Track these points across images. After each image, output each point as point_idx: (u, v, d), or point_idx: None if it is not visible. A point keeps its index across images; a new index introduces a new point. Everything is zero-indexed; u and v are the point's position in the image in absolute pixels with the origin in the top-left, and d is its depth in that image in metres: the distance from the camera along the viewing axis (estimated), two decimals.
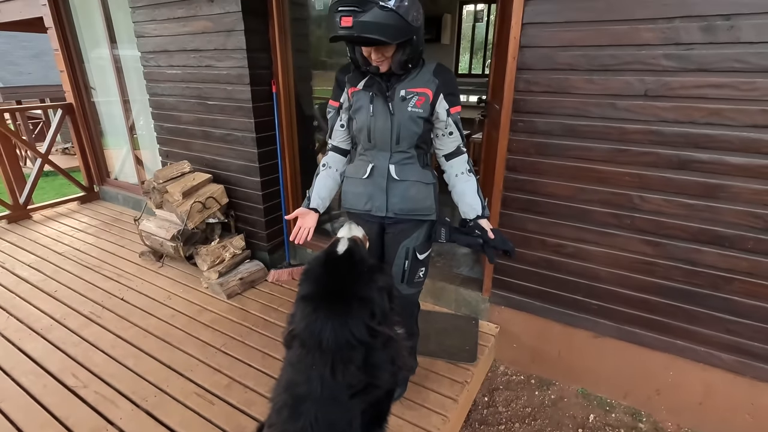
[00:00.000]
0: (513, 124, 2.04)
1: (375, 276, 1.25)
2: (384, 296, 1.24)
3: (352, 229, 1.38)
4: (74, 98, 4.12)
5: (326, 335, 1.16)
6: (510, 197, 2.16)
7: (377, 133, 1.48)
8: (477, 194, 1.56)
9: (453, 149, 1.56)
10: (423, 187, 1.56)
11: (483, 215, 1.56)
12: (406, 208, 1.56)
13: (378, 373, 1.22)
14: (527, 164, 2.07)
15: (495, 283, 2.36)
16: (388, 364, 1.25)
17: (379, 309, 1.21)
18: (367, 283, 1.21)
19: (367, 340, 1.16)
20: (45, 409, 1.85)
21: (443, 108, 1.47)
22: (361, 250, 1.28)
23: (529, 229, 2.16)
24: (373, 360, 1.20)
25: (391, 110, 1.45)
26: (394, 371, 1.28)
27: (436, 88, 1.45)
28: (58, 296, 2.72)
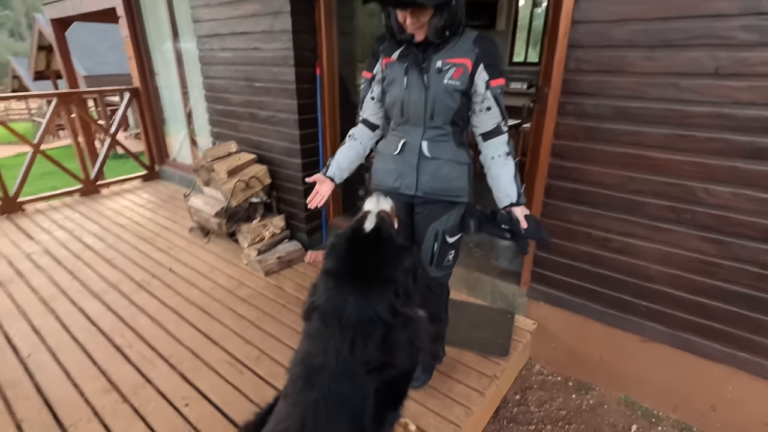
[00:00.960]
0: (561, 107, 1.91)
1: (402, 256, 1.21)
2: (409, 277, 1.21)
3: (380, 201, 1.33)
4: (140, 83, 4.42)
5: (348, 311, 1.14)
6: (554, 186, 2.03)
7: (411, 108, 1.43)
8: (513, 180, 1.46)
9: (491, 128, 1.47)
10: (456, 167, 1.49)
11: (518, 203, 1.46)
12: (437, 187, 1.50)
13: (395, 353, 1.19)
14: (574, 150, 1.92)
15: (534, 276, 2.24)
16: (406, 344, 1.21)
17: (403, 289, 1.18)
18: (394, 264, 1.18)
19: (389, 320, 1.13)
20: (94, 363, 2.01)
21: (482, 80, 1.39)
22: (388, 227, 1.24)
23: (574, 220, 2.01)
24: (392, 339, 1.18)
25: (426, 83, 1.39)
26: (412, 353, 1.25)
27: (476, 58, 1.36)
28: (115, 263, 2.94)
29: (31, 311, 2.40)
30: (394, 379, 1.26)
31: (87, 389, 1.85)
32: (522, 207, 1.48)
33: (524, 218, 1.47)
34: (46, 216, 3.79)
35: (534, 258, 2.20)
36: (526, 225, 1.46)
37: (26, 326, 2.27)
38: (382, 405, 1.26)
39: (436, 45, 1.37)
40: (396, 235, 1.26)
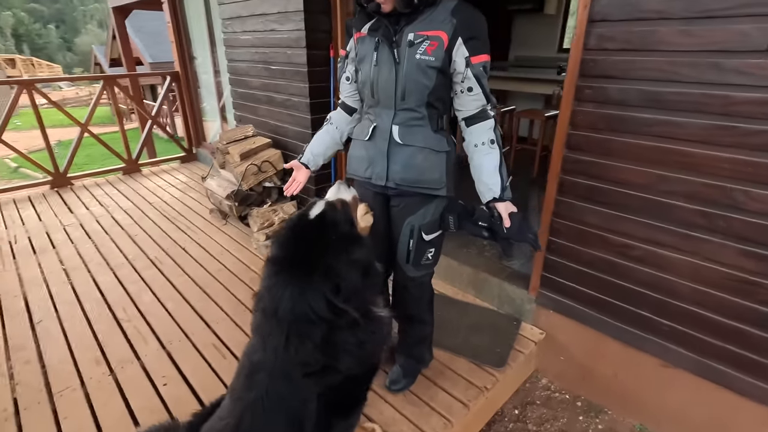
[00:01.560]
0: (578, 92, 1.67)
1: (348, 247, 1.10)
2: (355, 271, 1.08)
3: (340, 190, 1.25)
4: (180, 67, 4.57)
5: (283, 304, 1.05)
6: (569, 182, 1.79)
7: (381, 87, 1.29)
8: (497, 171, 1.29)
9: (473, 111, 1.30)
10: (431, 156, 1.33)
11: (501, 198, 1.29)
12: (409, 178, 1.35)
13: (338, 356, 1.08)
14: (593, 142, 1.68)
15: (543, 281, 2.02)
16: (353, 347, 1.10)
17: (347, 284, 1.06)
18: (336, 254, 1.07)
19: (327, 317, 1.02)
20: (94, 334, 2.08)
21: (462, 56, 1.21)
22: (336, 215, 1.13)
23: (590, 222, 1.77)
24: (335, 340, 1.07)
25: (397, 58, 1.24)
26: (361, 357, 1.13)
27: (453, 30, 1.19)
28: (136, 239, 3.06)
29: (52, 280, 2.55)
30: (340, 385, 1.15)
31: (81, 359, 1.92)
32: (507, 203, 1.30)
33: (508, 216, 1.28)
34: (89, 191, 4.04)
35: (544, 261, 1.98)
36: (509, 224, 1.28)
37: (45, 294, 2.41)
38: (327, 412, 1.16)
39: (408, 16, 1.22)
40: (347, 224, 1.14)
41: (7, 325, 2.16)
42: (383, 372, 1.81)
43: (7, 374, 1.84)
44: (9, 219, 3.43)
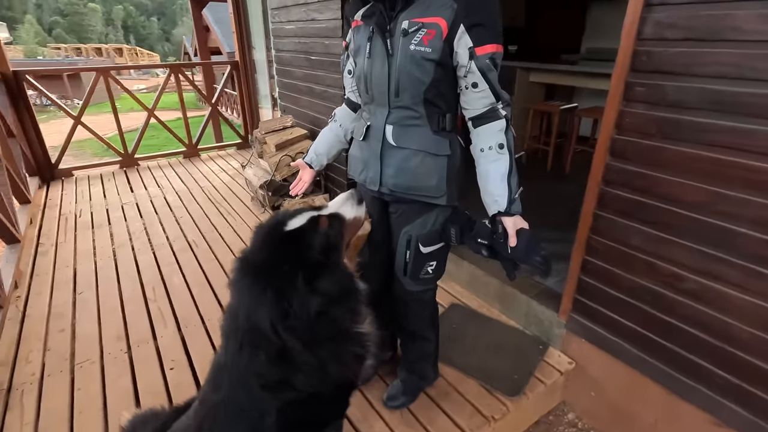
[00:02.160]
0: (627, 90, 1.41)
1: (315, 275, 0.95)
2: (317, 301, 0.94)
3: (346, 204, 1.08)
4: (239, 57, 4.72)
5: (242, 310, 0.98)
6: (610, 194, 1.54)
7: (374, 82, 1.16)
8: (505, 181, 1.11)
9: (481, 111, 1.13)
10: (429, 160, 1.18)
11: (508, 211, 1.11)
12: (402, 184, 1.22)
13: (293, 373, 0.99)
14: (642, 150, 1.41)
15: (576, 305, 1.78)
16: (310, 367, 1.00)
17: (298, 312, 0.93)
18: (292, 280, 0.93)
19: (270, 335, 0.94)
20: (122, 311, 2.20)
21: (465, 46, 1.05)
22: (314, 237, 0.99)
23: (633, 243, 1.51)
24: (290, 356, 0.97)
25: (390, 49, 1.11)
26: (323, 377, 1.03)
27: (454, 16, 1.03)
28: (180, 221, 3.21)
29: (100, 255, 2.75)
30: (304, 402, 1.06)
31: (106, 334, 2.04)
32: (515, 218, 1.12)
33: (515, 234, 1.11)
34: (151, 172, 4.35)
35: (577, 282, 1.74)
36: (515, 243, 1.10)
37: (91, 268, 2.61)
38: (289, 430, 1.08)
39: (404, 1, 1.07)
40: (323, 250, 0.99)
41: (54, 293, 2.36)
42: (384, 383, 1.71)
43: (42, 340, 2.00)
44: (80, 194, 3.78)
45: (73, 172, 4.29)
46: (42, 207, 3.48)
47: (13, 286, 2.35)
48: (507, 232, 1.12)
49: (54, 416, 1.59)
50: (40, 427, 1.56)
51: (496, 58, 1.07)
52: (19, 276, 2.48)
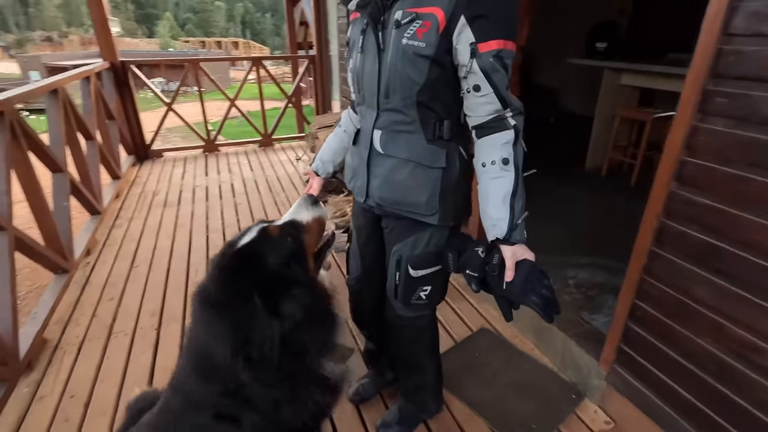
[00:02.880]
0: (705, 99, 1.10)
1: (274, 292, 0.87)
2: (275, 323, 0.85)
3: (299, 207, 1.03)
4: (317, 51, 4.83)
5: (195, 343, 0.94)
6: (673, 230, 1.23)
7: (365, 81, 1.03)
8: (506, 203, 0.92)
9: (485, 119, 0.94)
10: (419, 171, 1.02)
11: (508, 239, 0.92)
12: (388, 197, 1.07)
13: (243, 411, 0.92)
14: (719, 178, 1.10)
15: (621, 356, 1.47)
16: (265, 403, 0.92)
17: (258, 340, 0.85)
18: (248, 305, 0.85)
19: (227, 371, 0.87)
20: (165, 288, 2.35)
21: (465, 41, 0.88)
22: (265, 251, 0.91)
23: (697, 295, 1.19)
24: (244, 393, 0.90)
25: (381, 43, 0.97)
26: (274, 421, 0.94)
27: (453, 6, 0.86)
28: (239, 208, 3.37)
29: (163, 233, 2.99)
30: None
31: (145, 308, 2.18)
32: (516, 247, 0.93)
33: (513, 266, 0.91)
34: (227, 159, 4.65)
35: (624, 329, 1.44)
36: (512, 277, 0.91)
37: (152, 244, 2.84)
38: None
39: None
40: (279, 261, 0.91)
41: (115, 264, 2.60)
42: (384, 406, 1.59)
43: (94, 306, 2.20)
44: (163, 174, 4.17)
45: (163, 154, 4.75)
46: (130, 183, 3.90)
47: (85, 253, 2.64)
48: (504, 264, 0.93)
49: (81, 380, 1.73)
50: (68, 387, 1.70)
51: (504, 56, 0.88)
52: (93, 244, 2.78)
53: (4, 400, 1.58)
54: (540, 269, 0.92)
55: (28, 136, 2.11)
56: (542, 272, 0.92)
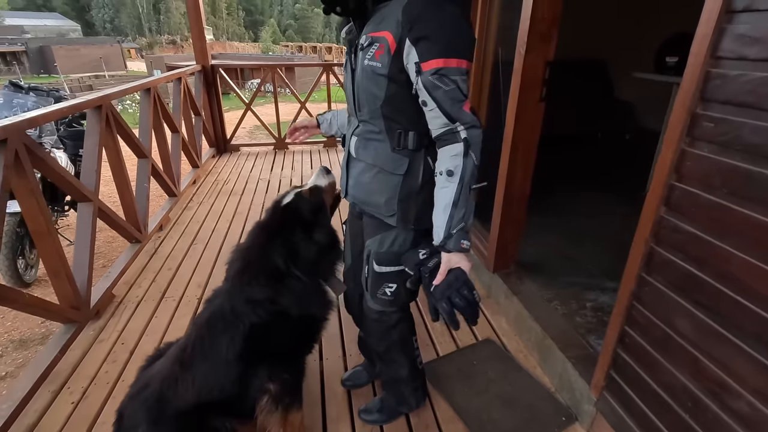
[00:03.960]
0: (693, 123, 1.06)
1: (306, 229, 1.27)
2: (309, 248, 1.26)
3: (318, 177, 1.39)
4: None
5: (255, 249, 1.31)
6: (660, 257, 1.18)
7: (347, 95, 1.18)
8: (446, 211, 1.00)
9: (438, 131, 1.03)
10: (381, 176, 1.13)
11: (443, 246, 1.00)
12: (358, 196, 1.22)
13: (282, 293, 1.26)
14: (702, 206, 1.05)
15: (610, 384, 1.42)
16: (298, 291, 1.27)
17: (303, 253, 1.26)
18: (291, 233, 1.26)
19: (280, 266, 1.24)
20: (213, 266, 2.68)
21: (412, 61, 0.97)
22: (301, 204, 1.30)
23: (679, 326, 1.14)
24: (285, 282, 1.25)
25: (354, 64, 1.10)
26: (301, 303, 1.29)
27: (400, 30, 0.96)
28: None
29: (223, 218, 3.37)
30: (268, 327, 1.26)
31: (194, 280, 2.52)
32: (452, 255, 1.00)
33: (445, 272, 0.98)
34: (293, 157, 5.04)
35: (612, 355, 1.39)
36: (439, 282, 0.98)
37: (212, 226, 3.22)
38: (252, 342, 1.24)
39: (364, 16, 1.06)
40: (309, 211, 1.29)
41: (180, 240, 3.00)
42: (374, 395, 1.69)
43: (155, 273, 2.59)
44: (236, 166, 4.65)
45: (241, 148, 5.28)
46: (207, 172, 4.42)
47: (157, 229, 3.08)
48: (438, 268, 1.00)
49: (132, 332, 2.07)
50: (122, 336, 2.05)
51: (447, 74, 0.95)
52: (165, 222, 3.23)
53: (74, 337, 1.96)
54: (465, 280, 0.98)
55: (119, 126, 2.55)
56: (466, 283, 0.98)
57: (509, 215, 2.11)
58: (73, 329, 1.96)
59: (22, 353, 2.63)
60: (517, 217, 2.13)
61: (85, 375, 1.80)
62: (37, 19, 64.92)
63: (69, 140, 3.47)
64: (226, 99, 6.88)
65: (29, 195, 1.74)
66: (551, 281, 2.16)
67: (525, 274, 2.22)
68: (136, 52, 53.72)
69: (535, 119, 1.90)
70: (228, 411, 1.26)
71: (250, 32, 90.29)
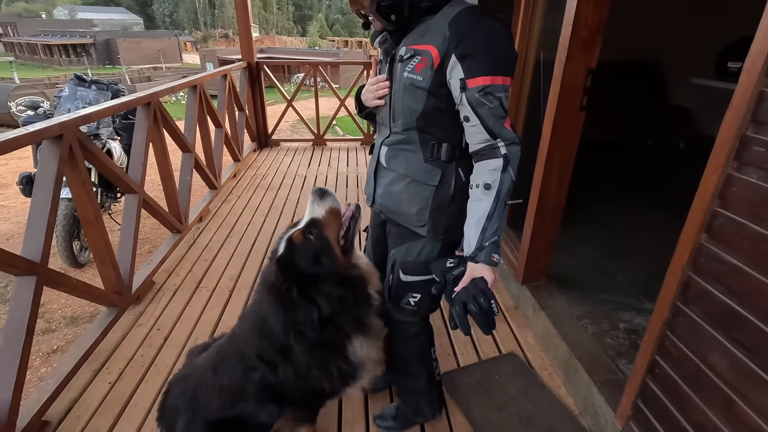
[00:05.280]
0: (742, 146, 0.98)
1: (312, 290, 1.08)
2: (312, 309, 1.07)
3: (314, 206, 1.15)
4: None
5: (260, 310, 1.19)
6: (698, 287, 1.10)
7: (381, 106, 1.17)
8: (479, 224, 1.01)
9: (478, 146, 1.02)
10: (413, 187, 1.13)
11: (472, 257, 1.00)
12: (387, 205, 1.22)
13: (282, 363, 1.18)
14: (747, 237, 0.97)
15: (637, 414, 1.35)
16: (301, 363, 1.17)
17: (303, 320, 1.08)
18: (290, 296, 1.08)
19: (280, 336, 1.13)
20: (247, 258, 2.77)
21: (456, 77, 0.97)
22: (296, 255, 1.09)
23: (713, 362, 1.06)
24: (286, 352, 1.16)
25: (392, 75, 1.10)
26: (303, 376, 1.18)
27: (447, 46, 0.95)
28: None
29: (259, 212, 3.48)
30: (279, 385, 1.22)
31: (227, 272, 2.62)
32: (479, 266, 1.00)
33: (468, 280, 0.98)
34: (331, 153, 5.11)
35: (641, 384, 1.32)
36: (460, 289, 0.98)
37: (248, 219, 3.33)
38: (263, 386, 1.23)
39: (405, 28, 1.05)
40: (313, 258, 1.09)
41: (217, 232, 3.13)
42: (391, 400, 1.70)
43: (192, 263, 2.71)
44: (275, 161, 4.78)
45: (281, 143, 5.42)
46: (247, 166, 4.57)
47: (197, 220, 3.23)
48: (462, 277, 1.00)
49: (168, 319, 2.19)
50: (158, 321, 2.17)
51: (493, 91, 0.94)
52: (205, 213, 3.38)
53: (115, 320, 2.10)
54: (483, 288, 0.97)
55: (166, 122, 2.68)
56: (484, 291, 0.97)
57: (542, 226, 2.04)
58: (115, 312, 2.10)
59: (72, 329, 2.85)
60: (550, 229, 2.05)
61: (123, 357, 1.92)
62: (105, 14, 69.46)
63: (123, 132, 3.70)
64: (271, 92, 7.08)
65: (80, 186, 1.87)
66: (583, 297, 2.07)
67: (556, 287, 2.14)
68: (191, 45, 56.28)
69: (573, 129, 1.82)
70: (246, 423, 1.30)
71: (299, 26, 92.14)
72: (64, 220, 3.06)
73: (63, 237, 3.11)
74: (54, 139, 1.69)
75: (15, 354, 1.44)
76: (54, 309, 3.06)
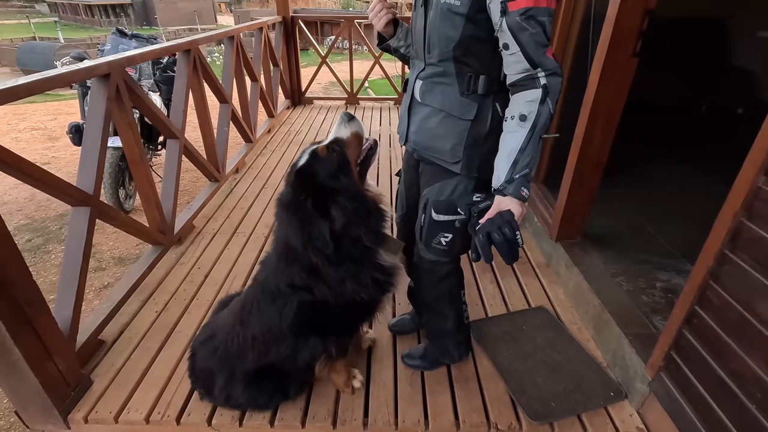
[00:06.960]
0: None
1: (328, 204, 1.10)
2: (325, 223, 1.10)
3: (339, 127, 1.18)
4: None
5: (281, 234, 1.22)
6: (752, 233, 1.05)
7: (416, 36, 1.14)
8: (511, 156, 0.97)
9: (517, 77, 0.98)
10: (448, 121, 1.10)
11: (501, 190, 0.98)
12: (420, 142, 1.19)
13: (316, 283, 1.20)
14: None
15: (669, 364, 1.33)
16: (333, 280, 1.18)
17: (317, 235, 1.10)
18: (306, 210, 1.10)
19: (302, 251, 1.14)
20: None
21: (497, 0, 0.91)
22: (317, 168, 1.11)
23: (759, 311, 1.03)
24: (317, 270, 1.17)
25: (426, 2, 1.05)
26: (339, 292, 1.20)
27: None
28: None
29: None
30: (314, 306, 1.24)
31: (263, 220, 2.70)
32: (507, 199, 0.98)
33: (494, 213, 0.97)
34: (363, 112, 5.07)
35: (676, 334, 1.29)
36: (485, 221, 0.97)
37: (282, 173, 3.38)
38: (303, 322, 1.27)
39: None
40: (328, 174, 1.11)
41: (252, 183, 3.21)
42: (418, 342, 1.74)
43: (230, 210, 2.81)
44: (309, 118, 4.79)
45: (314, 101, 5.40)
46: (281, 122, 4.61)
47: (234, 171, 3.31)
48: (488, 210, 0.99)
49: (207, 259, 2.30)
50: (198, 261, 2.28)
51: (536, 14, 0.89)
52: (241, 165, 3.46)
53: (159, 257, 2.22)
54: (509, 220, 0.95)
55: (204, 70, 2.72)
56: (509, 222, 0.95)
57: (581, 182, 1.97)
58: (159, 251, 2.22)
59: (120, 269, 3.05)
60: (589, 185, 1.98)
61: (167, 290, 2.04)
62: None
63: (163, 84, 3.78)
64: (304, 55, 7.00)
65: (127, 127, 1.95)
66: (620, 256, 2.01)
67: (591, 246, 2.09)
68: (225, 7, 55.93)
69: (624, 76, 1.71)
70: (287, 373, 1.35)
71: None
72: (110, 167, 3.21)
73: (110, 184, 3.27)
74: (102, 78, 1.74)
75: (74, 276, 1.56)
76: (104, 250, 3.27)
